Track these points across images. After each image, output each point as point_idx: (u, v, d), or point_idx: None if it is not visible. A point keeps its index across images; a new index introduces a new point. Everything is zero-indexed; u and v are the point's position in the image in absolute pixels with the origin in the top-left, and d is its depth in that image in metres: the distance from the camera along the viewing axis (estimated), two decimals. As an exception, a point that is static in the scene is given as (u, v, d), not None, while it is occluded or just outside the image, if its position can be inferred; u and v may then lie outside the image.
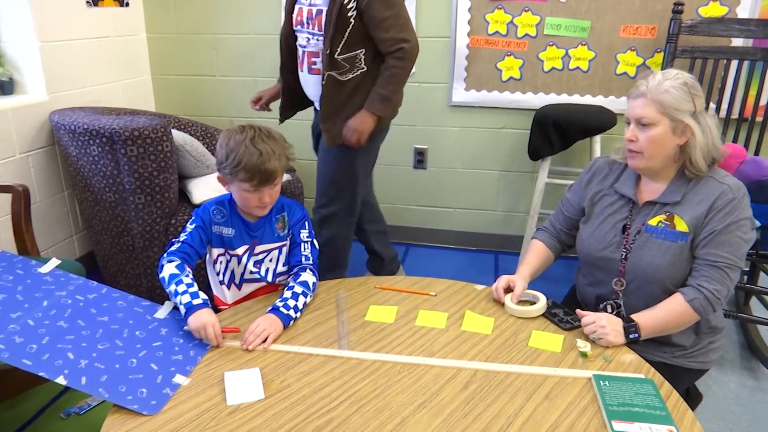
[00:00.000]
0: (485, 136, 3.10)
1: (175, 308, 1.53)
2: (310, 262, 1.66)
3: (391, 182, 3.31)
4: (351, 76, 2.15)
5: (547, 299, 1.59)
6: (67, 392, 2.03)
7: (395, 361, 1.36)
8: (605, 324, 1.42)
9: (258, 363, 1.34)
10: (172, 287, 1.47)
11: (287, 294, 1.54)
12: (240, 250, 1.63)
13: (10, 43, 2.56)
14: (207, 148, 2.84)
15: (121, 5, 3.08)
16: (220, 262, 1.66)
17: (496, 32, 2.87)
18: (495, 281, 1.65)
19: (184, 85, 3.39)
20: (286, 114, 2.51)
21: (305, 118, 2.61)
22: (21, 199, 1.87)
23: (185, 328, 1.44)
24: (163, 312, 1.53)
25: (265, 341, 1.41)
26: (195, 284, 1.48)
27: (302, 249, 1.67)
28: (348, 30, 2.07)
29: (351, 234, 2.50)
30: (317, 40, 2.13)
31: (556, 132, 2.61)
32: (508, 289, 1.62)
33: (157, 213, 2.35)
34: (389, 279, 1.79)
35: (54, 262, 1.72)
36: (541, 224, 1.83)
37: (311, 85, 2.27)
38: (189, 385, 1.27)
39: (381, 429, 1.14)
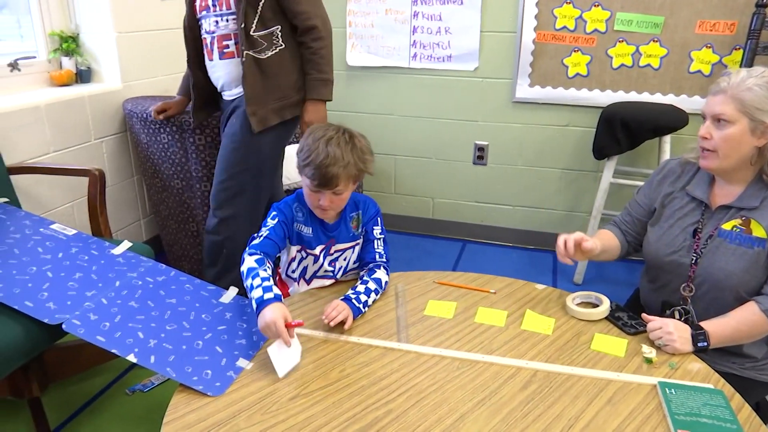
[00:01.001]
0: (548, 134, 3.05)
1: (239, 294, 1.58)
2: (384, 259, 1.67)
3: (449, 178, 3.30)
4: (270, 54, 2.03)
5: (611, 302, 1.55)
6: (132, 370, 2.11)
7: (454, 357, 1.36)
8: (672, 330, 1.37)
9: (319, 352, 1.36)
10: (249, 281, 1.43)
11: (360, 288, 1.55)
12: (317, 250, 1.63)
13: (88, 34, 2.67)
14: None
15: None
16: (296, 259, 1.67)
17: (564, 27, 2.81)
18: (554, 281, 1.61)
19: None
20: (199, 116, 2.30)
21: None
22: (97, 182, 1.96)
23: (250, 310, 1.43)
24: (227, 297, 1.57)
25: (344, 323, 1.43)
26: (270, 278, 1.43)
27: (375, 246, 1.67)
28: (260, 4, 1.97)
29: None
30: (227, 20, 2.01)
31: (623, 131, 2.54)
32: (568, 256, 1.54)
33: (222, 201, 2.41)
34: (448, 274, 1.78)
35: (126, 245, 1.80)
36: (604, 225, 1.79)
37: (223, 70, 2.11)
38: (252, 369, 1.31)
39: (439, 424, 1.14)
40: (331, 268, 1.67)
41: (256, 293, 1.37)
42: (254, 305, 1.36)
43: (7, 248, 1.68)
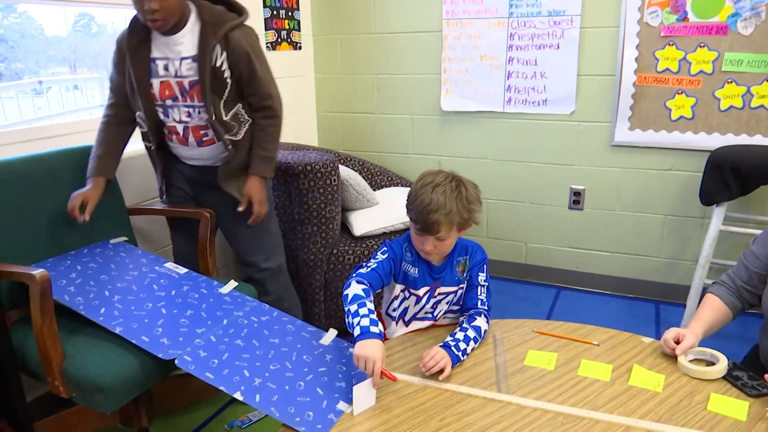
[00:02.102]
0: (649, 178, 2.93)
1: (338, 335, 1.60)
2: (486, 307, 1.65)
3: (543, 222, 3.23)
4: (243, 131, 2.06)
5: (728, 360, 1.45)
6: (231, 405, 2.18)
7: (558, 411, 1.31)
8: (801, 395, 1.26)
9: (418, 399, 1.36)
10: (354, 307, 1.43)
11: (460, 335, 1.54)
12: (421, 291, 1.64)
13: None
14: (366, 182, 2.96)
15: (295, 48, 3.35)
16: (398, 298, 1.67)
17: (667, 69, 2.73)
18: (657, 333, 1.53)
19: (345, 122, 3.59)
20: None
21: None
22: (208, 224, 2.07)
23: (351, 350, 1.42)
24: (327, 339, 1.60)
25: (441, 372, 1.42)
26: (375, 313, 1.45)
27: (478, 292, 1.66)
28: (226, 91, 1.98)
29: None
30: (198, 111, 1.98)
31: (734, 175, 2.40)
32: (677, 342, 1.50)
33: (322, 243, 2.49)
34: (547, 323, 1.73)
35: (232, 284, 1.88)
36: (715, 276, 1.68)
37: (207, 154, 2.10)
38: (350, 412, 1.31)
39: (545, 482, 1.10)
40: (432, 310, 1.67)
41: (363, 321, 1.39)
42: (357, 331, 1.38)
43: (127, 285, 1.81)
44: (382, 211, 2.70)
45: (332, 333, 1.62)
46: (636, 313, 2.94)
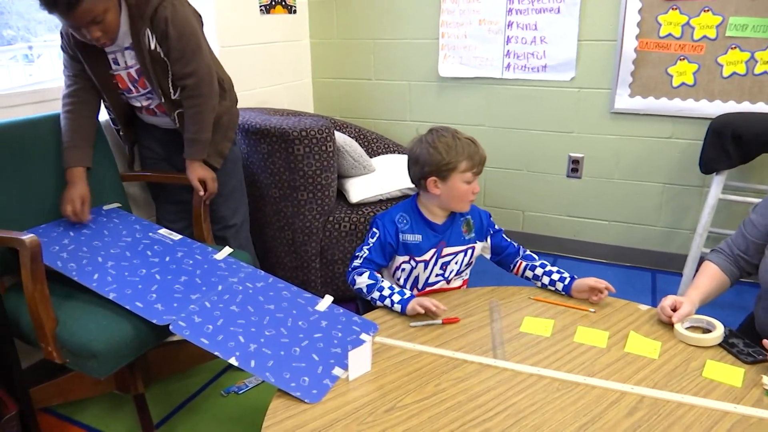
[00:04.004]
0: (649, 146, 2.90)
1: (334, 302, 1.60)
2: (516, 245, 1.80)
3: (541, 190, 3.21)
4: None
5: (725, 327, 1.45)
6: (227, 372, 2.19)
7: (553, 377, 1.31)
8: (797, 361, 1.26)
9: (413, 365, 1.36)
10: (376, 293, 1.58)
11: (554, 268, 1.71)
12: (427, 255, 1.66)
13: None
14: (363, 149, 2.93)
15: (290, 12, 3.27)
16: (403, 269, 1.69)
17: (669, 35, 2.67)
18: (653, 301, 1.53)
19: (341, 88, 3.54)
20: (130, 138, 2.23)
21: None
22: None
23: (410, 318, 1.54)
24: (323, 305, 1.59)
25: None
26: (390, 288, 1.59)
27: (504, 236, 1.79)
28: (169, 72, 1.94)
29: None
30: (151, 96, 2.02)
31: (735, 143, 2.37)
32: (674, 310, 1.50)
33: (317, 210, 2.46)
34: (543, 290, 1.73)
35: (227, 250, 1.87)
36: (713, 245, 1.67)
37: (163, 123, 2.13)
38: (346, 377, 1.31)
39: (540, 447, 1.10)
40: (441, 271, 1.70)
41: (395, 297, 1.56)
42: (398, 307, 1.55)
43: (120, 251, 1.79)
44: (378, 178, 2.67)
45: (328, 299, 1.61)
46: (633, 282, 2.95)
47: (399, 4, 3.21)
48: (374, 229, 1.66)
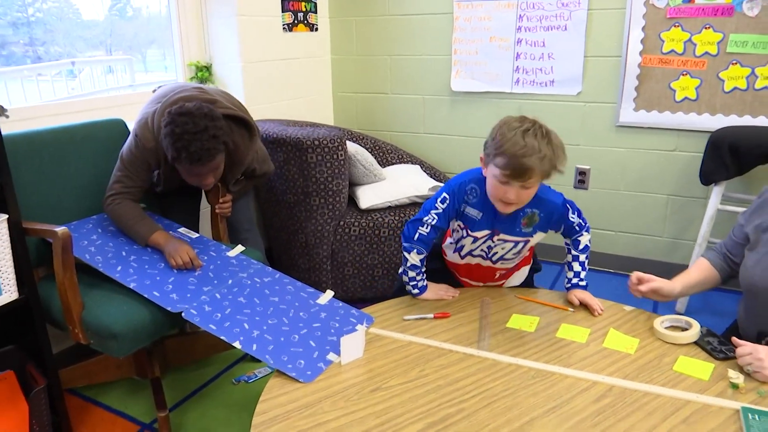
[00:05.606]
0: (654, 158, 2.98)
1: (335, 297, 1.73)
2: (585, 225, 1.74)
3: (550, 201, 3.29)
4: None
5: (701, 327, 1.53)
6: (239, 363, 2.32)
7: (530, 366, 1.41)
8: (763, 357, 1.33)
9: (402, 352, 1.47)
10: (412, 273, 1.72)
11: (577, 267, 1.74)
12: (479, 234, 1.67)
13: (220, 64, 2.99)
14: (376, 159, 3.06)
15: (311, 30, 3.44)
16: (456, 231, 1.74)
17: (672, 51, 2.76)
18: (655, 311, 1.62)
19: (359, 102, 3.69)
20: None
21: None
22: (218, 192, 2.20)
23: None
24: (324, 299, 1.72)
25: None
26: (423, 274, 1.73)
27: (575, 224, 1.73)
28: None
29: None
30: None
31: (731, 155, 2.44)
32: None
33: (329, 214, 2.60)
34: (534, 291, 1.83)
35: (239, 248, 2.01)
36: (707, 252, 1.75)
37: None
38: (339, 362, 1.43)
39: (507, 425, 1.21)
40: (485, 251, 1.74)
41: (421, 283, 1.73)
42: (416, 291, 1.74)
43: (142, 246, 1.94)
44: (388, 186, 2.80)
45: (329, 294, 1.74)
46: (637, 291, 3.00)
47: (414, 22, 3.35)
48: (445, 194, 1.64)
